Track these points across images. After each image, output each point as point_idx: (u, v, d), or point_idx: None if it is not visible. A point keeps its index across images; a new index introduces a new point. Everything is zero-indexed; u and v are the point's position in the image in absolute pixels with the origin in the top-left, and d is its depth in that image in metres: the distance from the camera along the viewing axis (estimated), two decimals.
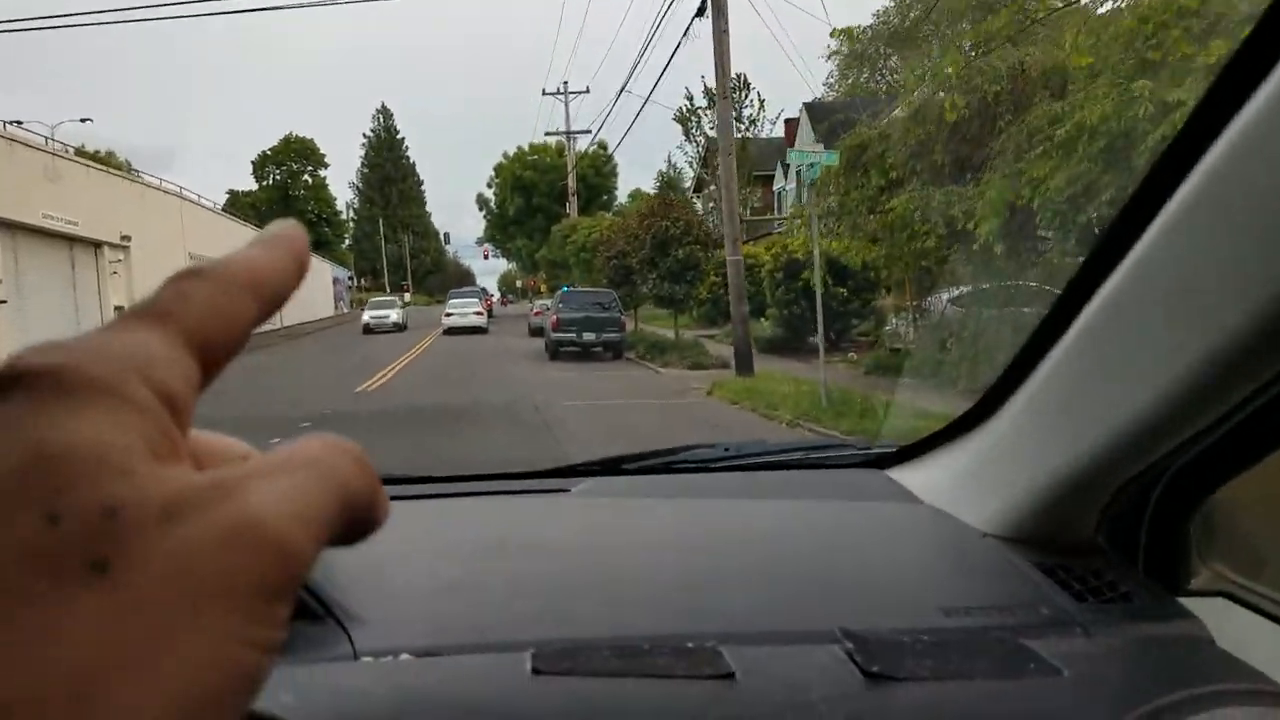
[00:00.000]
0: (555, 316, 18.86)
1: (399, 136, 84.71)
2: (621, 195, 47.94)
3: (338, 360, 21.88)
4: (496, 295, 63.29)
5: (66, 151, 22.24)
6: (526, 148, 48.03)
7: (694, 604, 0.92)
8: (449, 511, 1.28)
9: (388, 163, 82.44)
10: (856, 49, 39.10)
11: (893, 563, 1.05)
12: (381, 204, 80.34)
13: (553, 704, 0.74)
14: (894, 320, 15.79)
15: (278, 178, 64.43)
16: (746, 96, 32.42)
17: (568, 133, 37.98)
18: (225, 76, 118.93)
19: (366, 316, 32.09)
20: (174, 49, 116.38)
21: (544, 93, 38.69)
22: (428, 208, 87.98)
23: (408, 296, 68.99)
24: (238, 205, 61.65)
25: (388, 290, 75.81)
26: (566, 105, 37.52)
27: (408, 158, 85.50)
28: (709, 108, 32.20)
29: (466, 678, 0.77)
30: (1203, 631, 0.86)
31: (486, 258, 79.80)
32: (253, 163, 63.68)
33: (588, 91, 39.57)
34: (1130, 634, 0.84)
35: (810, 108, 33.59)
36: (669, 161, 31.56)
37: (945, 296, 12.64)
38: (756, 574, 1.00)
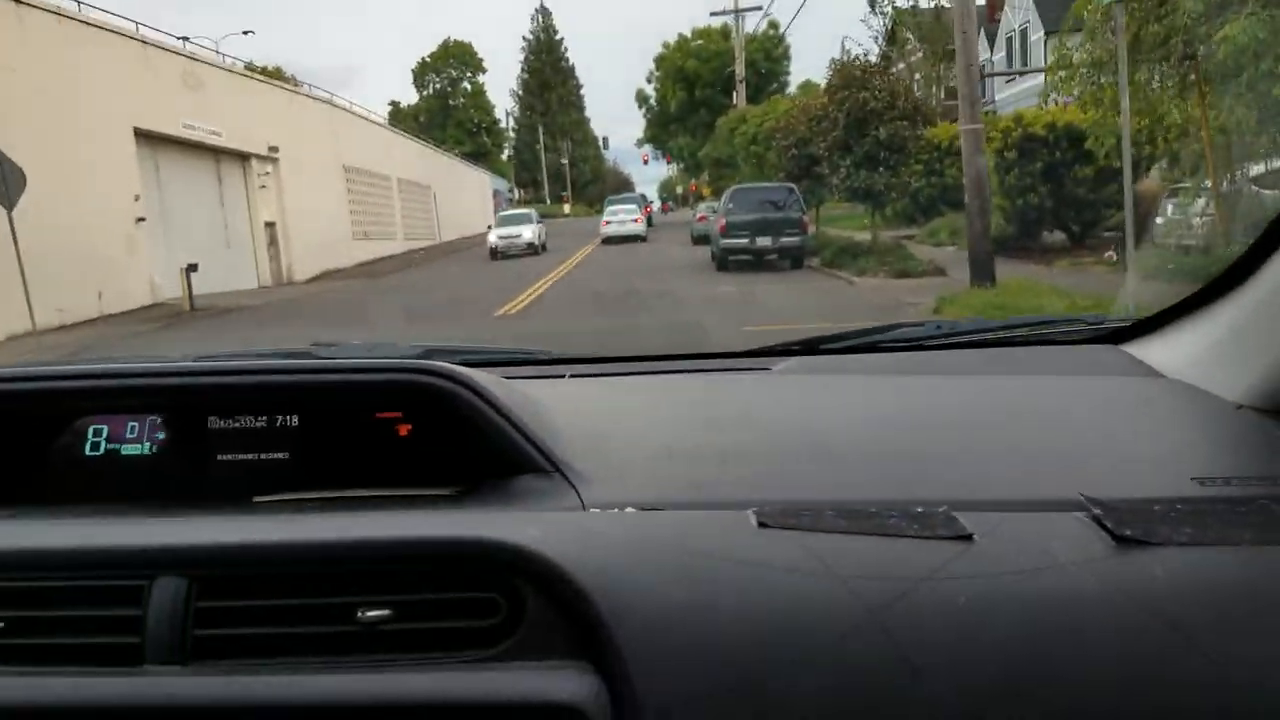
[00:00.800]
0: (723, 219, 15.88)
1: (558, 38, 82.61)
2: (793, 86, 43.10)
3: (483, 277, 20.24)
4: (656, 203, 60.30)
5: (228, 64, 21.30)
6: (689, 34, 43.99)
7: (919, 472, 0.89)
8: (655, 387, 1.30)
9: (546, 67, 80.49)
10: None
11: (1137, 435, 0.99)
12: (541, 110, 78.93)
13: (783, 555, 0.73)
14: (1172, 207, 11.66)
15: (437, 86, 63.88)
16: None
17: (736, 11, 33.69)
18: None
19: (493, 238, 25.62)
20: None
21: None
22: (586, 113, 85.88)
23: (567, 208, 68.02)
24: (399, 116, 62.01)
25: (548, 201, 75.45)
26: None
27: (567, 60, 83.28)
28: None
29: (694, 528, 0.78)
30: None
31: (646, 163, 77.00)
32: (413, 71, 63.52)
33: None
34: None
35: None
36: (844, 49, 26.84)
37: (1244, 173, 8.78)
38: (986, 444, 0.97)
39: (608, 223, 30.25)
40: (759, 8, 34.05)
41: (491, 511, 0.82)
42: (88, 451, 0.95)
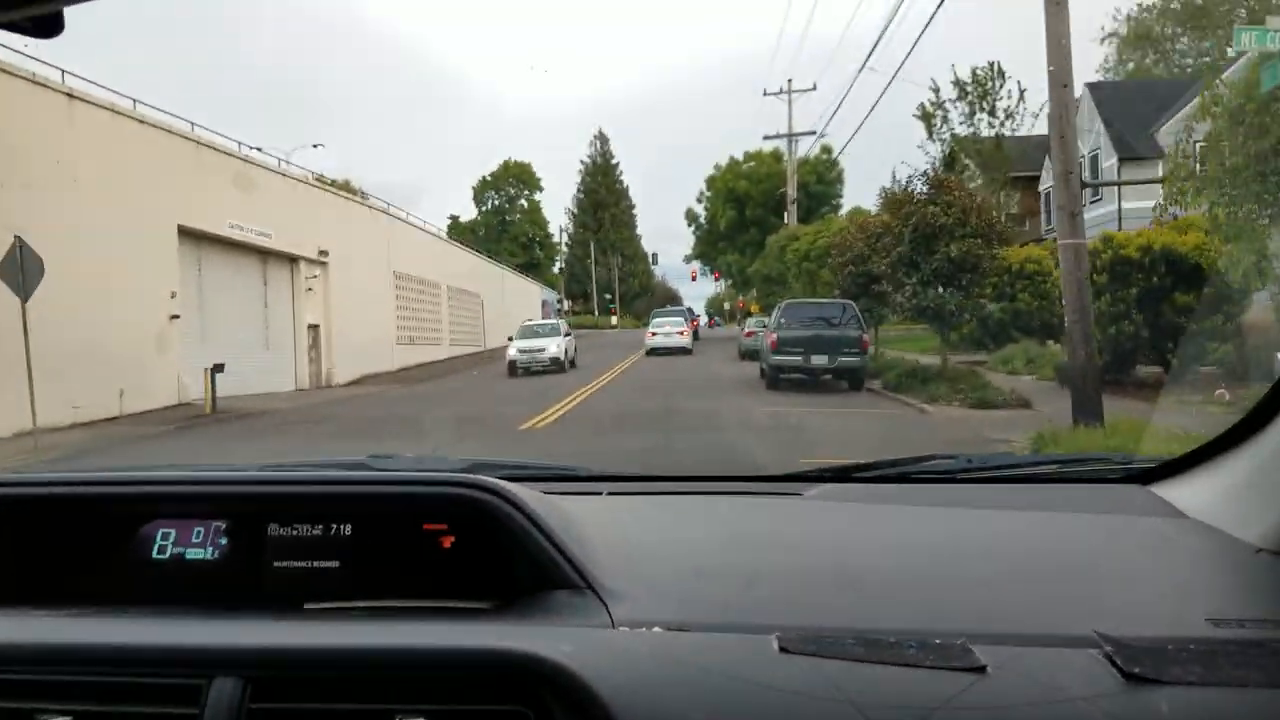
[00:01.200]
0: (774, 335, 14.91)
1: (614, 162, 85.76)
2: (845, 209, 42.86)
3: (517, 387, 19.40)
4: (703, 317, 60.06)
5: (285, 168, 21.66)
6: (740, 157, 44.68)
7: (939, 602, 0.91)
8: (688, 507, 1.36)
9: (601, 188, 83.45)
10: (1140, 28, 33.34)
11: (1155, 574, 1.01)
12: (594, 228, 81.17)
13: (801, 681, 0.76)
14: None
15: (495, 203, 65.86)
16: (1002, 86, 27.00)
17: (789, 135, 33.98)
18: (455, 113, 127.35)
19: (512, 352, 22.37)
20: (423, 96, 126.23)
21: (765, 93, 35.13)
22: (638, 230, 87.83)
23: (615, 320, 68.44)
24: (458, 229, 63.78)
25: (596, 313, 76.34)
26: (790, 102, 33.60)
27: (621, 182, 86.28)
28: (960, 99, 27.03)
29: (718, 651, 0.81)
30: None
31: (694, 279, 77.93)
32: (473, 189, 65.79)
33: (814, 89, 35.65)
34: None
35: (1096, 88, 27.41)
36: (894, 177, 26.28)
37: None
38: (1006, 578, 0.99)
39: (653, 334, 29.65)
40: (813, 133, 33.98)
41: (526, 625, 0.85)
42: (155, 555, 1.00)
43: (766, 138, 35.26)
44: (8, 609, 0.94)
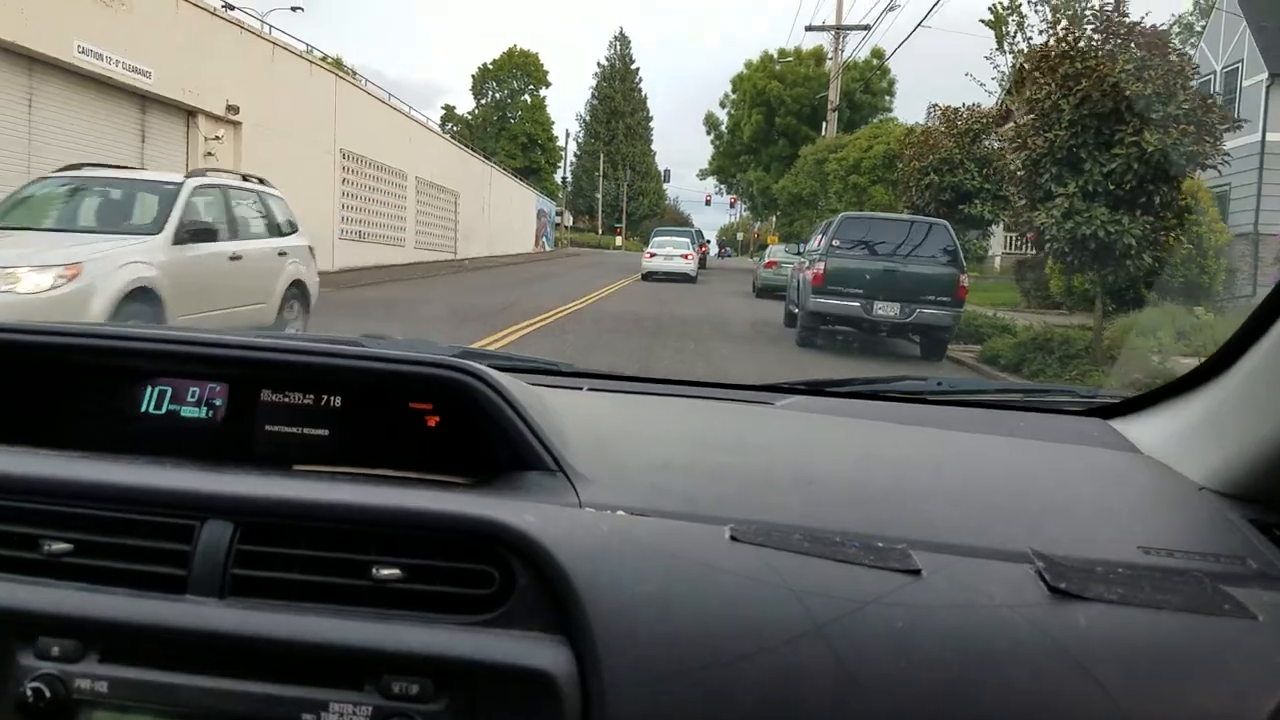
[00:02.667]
0: (820, 265, 10.06)
1: (634, 66, 79.20)
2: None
3: (478, 299, 14.92)
4: (713, 246, 54.66)
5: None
6: (774, 54, 37.33)
7: (887, 510, 0.96)
8: (664, 406, 1.39)
9: (618, 94, 77.30)
10: None
11: (1098, 503, 1.05)
12: (606, 139, 75.41)
13: (747, 566, 0.81)
14: None
15: (497, 96, 59.73)
16: None
17: (837, 28, 28.06)
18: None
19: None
20: None
21: None
22: (653, 146, 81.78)
23: (619, 240, 63.26)
24: (452, 121, 58.02)
25: (599, 232, 71.22)
26: None
27: (640, 90, 79.86)
28: (1043, 1, 21.49)
29: (673, 536, 0.86)
30: None
31: (709, 202, 72.47)
32: (472, 76, 59.63)
33: None
34: None
35: None
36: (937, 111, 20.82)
37: None
38: (954, 493, 1.03)
39: (651, 255, 25.07)
40: (865, 27, 27.38)
41: (498, 498, 0.90)
42: (151, 409, 1.04)
43: (809, 28, 29.44)
44: (9, 446, 0.97)
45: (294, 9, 36.27)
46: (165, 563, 0.83)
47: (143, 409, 1.04)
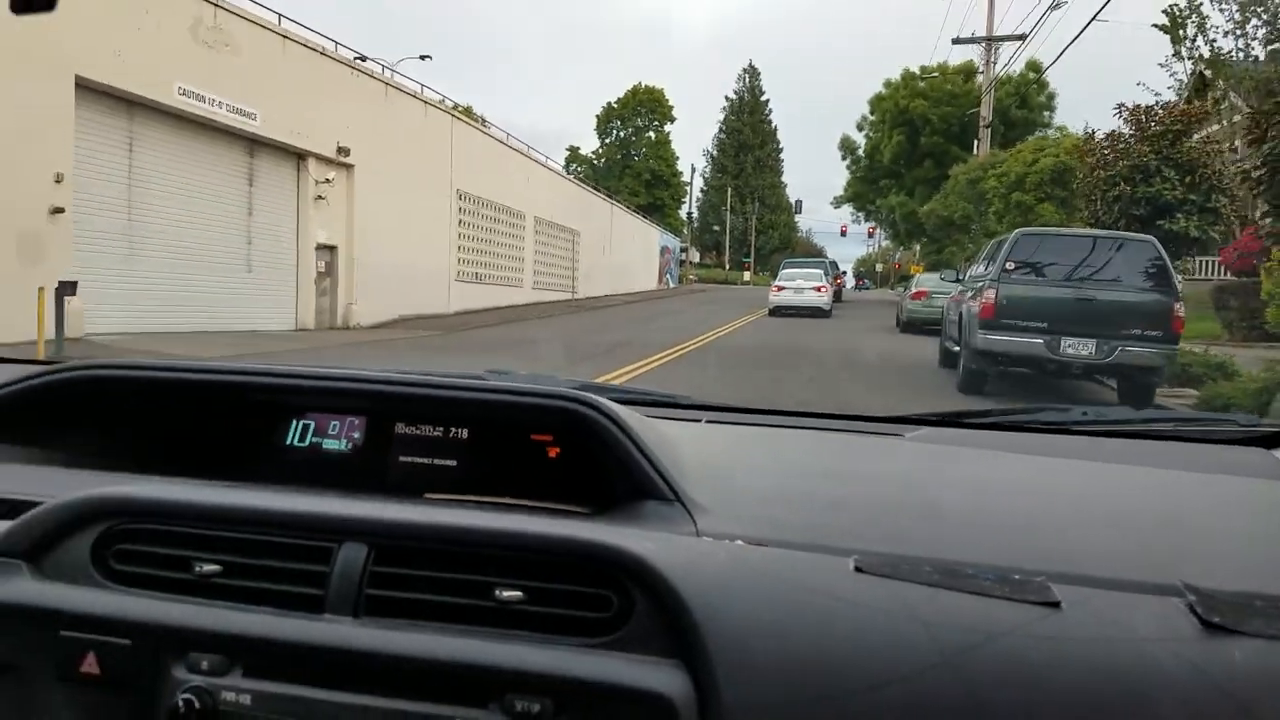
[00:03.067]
0: (990, 294, 8.00)
1: (764, 98, 77.85)
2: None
3: (593, 339, 13.57)
4: (849, 278, 51.55)
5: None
6: (920, 71, 34.21)
7: (1024, 542, 0.91)
8: (785, 438, 1.36)
9: (747, 128, 76.07)
10: None
11: (1257, 534, 1.00)
12: (734, 172, 74.17)
13: (872, 597, 0.77)
14: None
15: (621, 135, 59.50)
16: None
17: (988, 39, 25.19)
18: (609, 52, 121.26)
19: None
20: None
21: None
22: (783, 178, 79.70)
23: (747, 275, 61.45)
24: (576, 161, 58.27)
25: (727, 267, 69.58)
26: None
27: (769, 121, 78.28)
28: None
29: (793, 565, 0.84)
30: None
31: (844, 234, 69.75)
32: (596, 117, 59.54)
33: None
34: None
35: None
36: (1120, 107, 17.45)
37: None
38: (1099, 524, 0.98)
39: (780, 288, 23.08)
40: (1020, 37, 23.76)
41: (616, 525, 0.91)
42: (296, 442, 1.13)
43: (956, 41, 26.73)
44: (163, 476, 1.05)
45: (423, 58, 37.17)
46: (305, 583, 0.86)
47: (288, 441, 1.13)
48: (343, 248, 16.93)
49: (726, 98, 77.46)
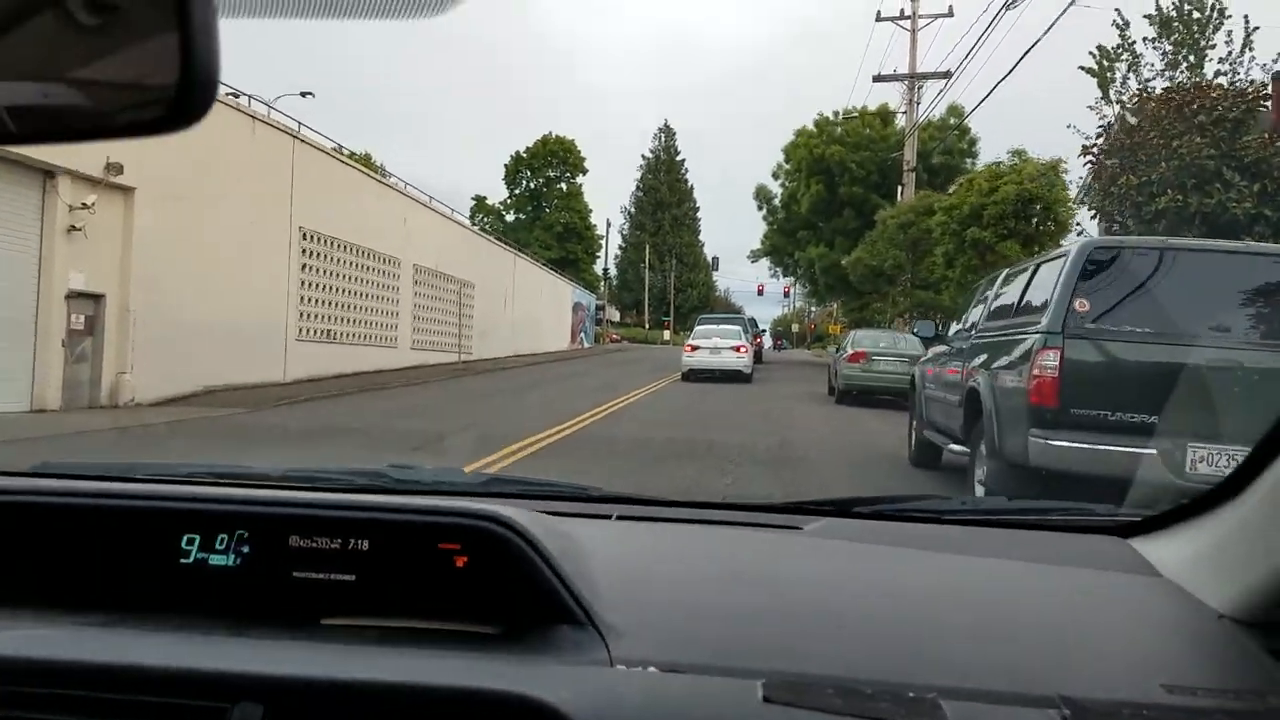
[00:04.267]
0: (1053, 360, 4.15)
1: (679, 158, 76.85)
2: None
3: (409, 424, 9.80)
4: (767, 338, 48.72)
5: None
6: (835, 115, 31.84)
7: (916, 652, 0.94)
8: (689, 536, 1.38)
9: (663, 185, 74.88)
10: None
11: (1121, 635, 1.03)
12: (652, 229, 72.46)
13: None
14: None
15: (531, 186, 56.26)
16: (1215, 30, 16.08)
17: (911, 76, 22.92)
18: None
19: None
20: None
21: (879, 17, 24.10)
22: (700, 236, 78.26)
23: (667, 334, 58.74)
24: (482, 212, 54.65)
25: (647, 326, 66.87)
26: (915, 23, 22.86)
27: (686, 180, 77.28)
28: (1161, 38, 16.18)
29: (705, 696, 0.84)
30: None
31: (761, 293, 68.21)
32: (505, 166, 56.15)
33: (950, 15, 23.78)
34: None
35: None
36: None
37: None
38: (981, 630, 1.02)
39: (694, 348, 19.83)
40: (945, 74, 21.89)
41: (530, 663, 0.89)
42: (180, 561, 1.05)
43: (878, 79, 24.12)
44: (31, 616, 0.99)
45: (304, 95, 33.04)
46: None
47: (174, 558, 1.05)
48: (112, 297, 12.70)
49: (643, 156, 76.66)
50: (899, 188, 25.04)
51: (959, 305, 18.33)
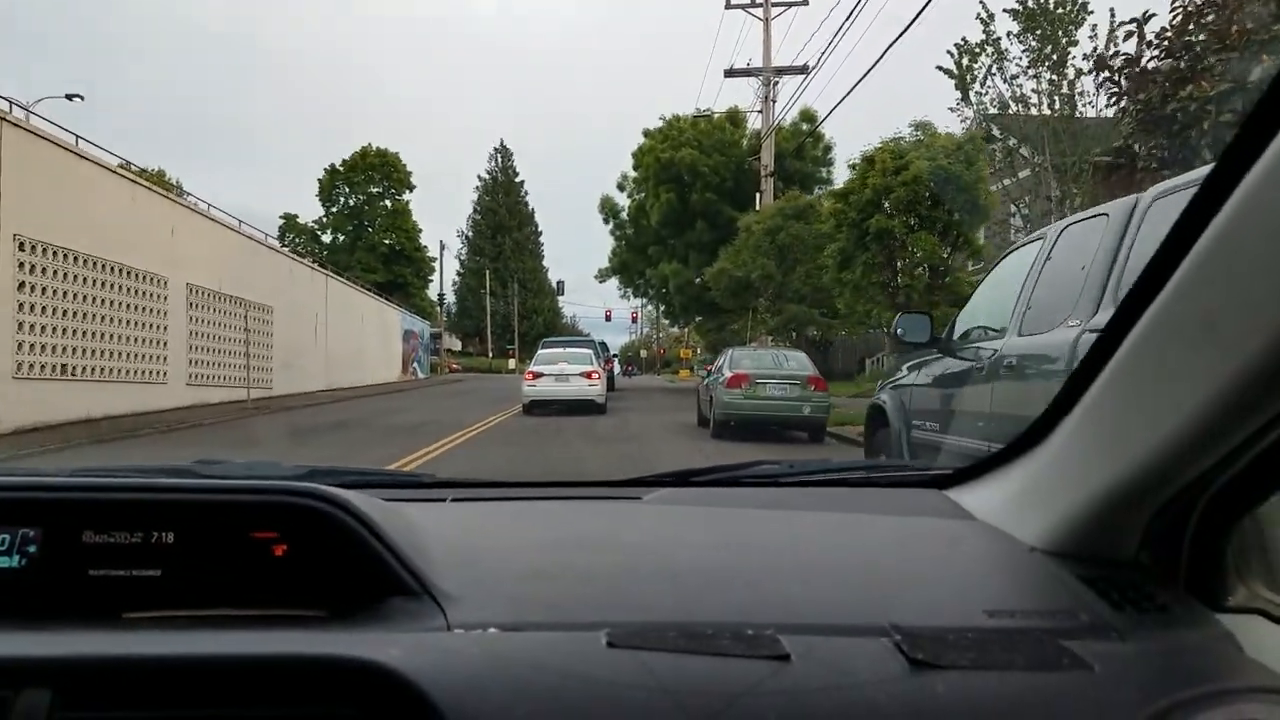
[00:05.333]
0: None
1: (518, 179, 74.09)
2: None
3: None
4: (617, 363, 46.43)
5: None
6: (684, 117, 29.23)
7: (754, 597, 0.97)
8: (530, 512, 1.35)
9: (502, 208, 71.90)
10: None
11: (943, 571, 1.09)
12: (492, 254, 69.14)
13: (624, 673, 0.80)
14: None
15: (350, 203, 51.28)
16: (1077, 28, 15.75)
17: (766, 71, 21.24)
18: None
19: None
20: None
21: (728, 4, 22.36)
22: (545, 262, 75.73)
23: (512, 363, 55.47)
24: (294, 231, 49.20)
25: (490, 355, 63.25)
26: (767, 13, 21.31)
27: (526, 203, 74.64)
28: (1026, 31, 15.58)
29: (549, 649, 0.83)
30: (1232, 640, 0.90)
31: (609, 318, 66.43)
32: (319, 181, 50.84)
33: (805, 2, 22.46)
34: (1162, 640, 0.89)
35: None
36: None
37: None
38: (814, 573, 1.06)
39: (536, 376, 17.15)
40: (803, 69, 20.56)
41: (358, 631, 0.84)
42: None
43: (729, 73, 22.29)
44: None
45: (70, 97, 27.76)
46: None
47: None
48: None
49: (479, 177, 73.47)
50: (757, 194, 23.26)
51: (854, 314, 16.26)
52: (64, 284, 14.66)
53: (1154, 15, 8.65)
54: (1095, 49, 14.57)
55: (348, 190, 50.53)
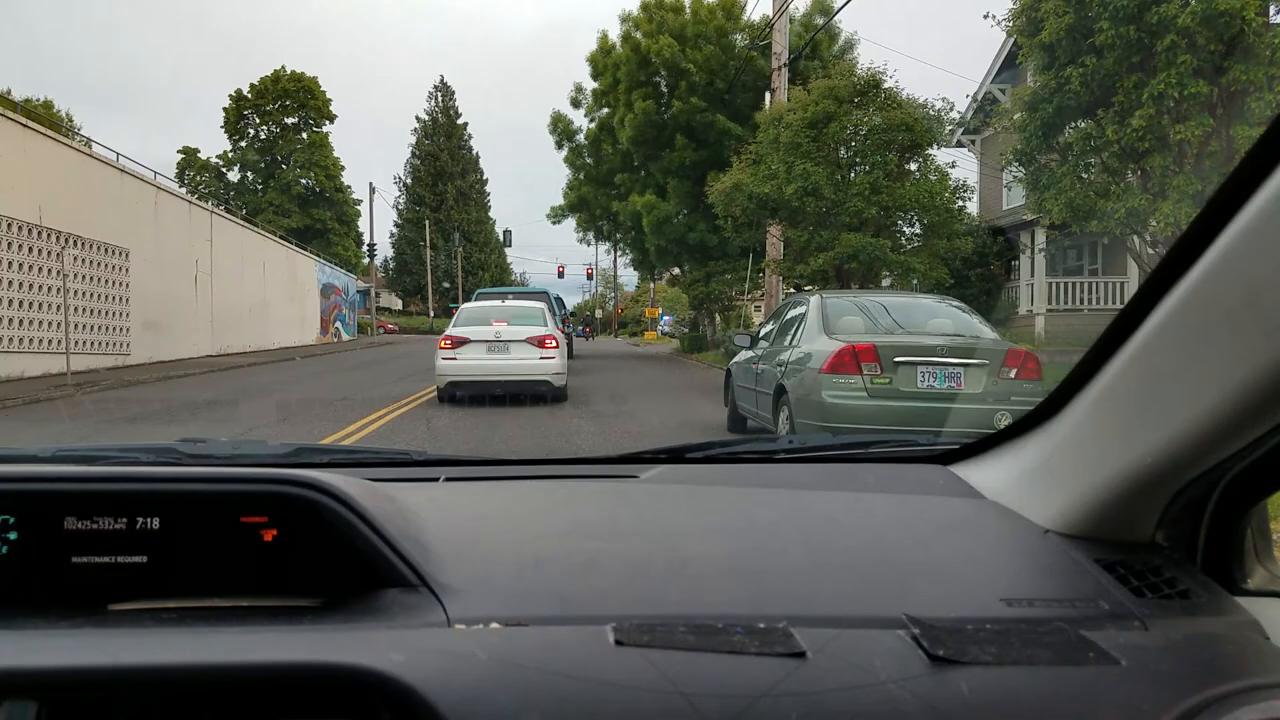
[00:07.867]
0: None
1: (461, 121, 67.39)
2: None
3: None
4: (573, 321, 40.63)
5: None
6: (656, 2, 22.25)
7: (763, 587, 0.95)
8: (526, 492, 1.31)
9: (444, 153, 65.21)
10: None
11: (954, 555, 1.06)
12: (433, 204, 62.79)
13: (635, 674, 0.77)
14: None
15: (262, 134, 44.60)
16: None
17: None
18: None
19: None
20: None
21: None
22: (491, 212, 69.52)
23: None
24: (195, 168, 42.54)
25: (432, 314, 57.58)
26: None
27: (470, 148, 68.00)
28: None
29: (555, 646, 0.81)
30: (1258, 629, 0.88)
31: (561, 275, 60.85)
32: (224, 109, 43.93)
33: None
34: (1187, 629, 0.86)
35: None
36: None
37: None
38: (822, 560, 1.03)
39: (456, 343, 11.13)
40: None
41: (356, 630, 0.82)
42: None
43: None
44: None
45: None
46: None
47: None
48: None
49: (417, 118, 66.37)
50: (767, 93, 17.36)
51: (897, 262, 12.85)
52: None
53: None
54: None
55: (258, 121, 43.70)
